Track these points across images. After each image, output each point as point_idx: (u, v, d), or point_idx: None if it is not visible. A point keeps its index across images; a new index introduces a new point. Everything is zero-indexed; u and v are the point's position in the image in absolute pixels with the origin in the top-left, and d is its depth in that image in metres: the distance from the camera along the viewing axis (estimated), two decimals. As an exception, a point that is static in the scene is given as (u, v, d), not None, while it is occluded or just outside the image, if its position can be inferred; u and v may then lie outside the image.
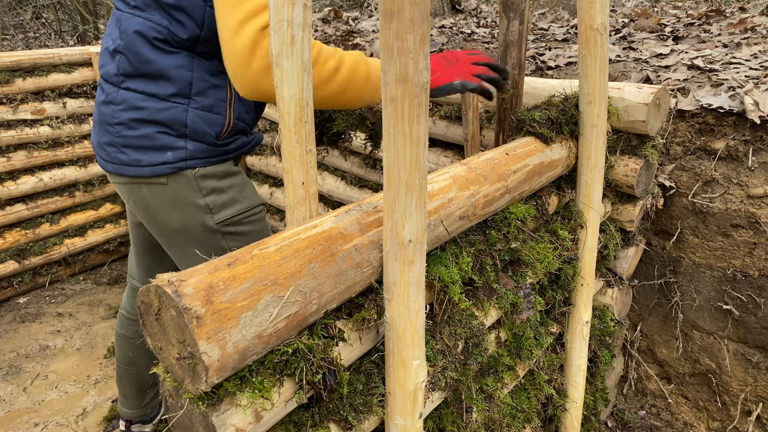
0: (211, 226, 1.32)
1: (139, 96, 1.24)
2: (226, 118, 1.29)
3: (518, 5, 1.29)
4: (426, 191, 0.75)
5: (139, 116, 1.24)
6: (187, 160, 1.27)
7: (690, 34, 2.64)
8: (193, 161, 1.28)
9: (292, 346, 0.74)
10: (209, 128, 1.27)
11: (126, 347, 1.77)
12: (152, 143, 1.25)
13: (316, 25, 3.68)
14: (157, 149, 1.25)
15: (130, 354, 1.77)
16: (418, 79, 0.66)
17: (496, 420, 1.24)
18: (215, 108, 1.27)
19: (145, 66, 1.21)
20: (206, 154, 1.30)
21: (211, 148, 1.30)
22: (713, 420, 1.93)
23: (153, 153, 1.26)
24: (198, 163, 1.28)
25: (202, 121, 1.26)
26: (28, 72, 2.92)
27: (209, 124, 1.27)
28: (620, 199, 1.68)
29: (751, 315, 1.73)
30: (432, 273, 0.96)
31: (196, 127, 1.25)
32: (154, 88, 1.23)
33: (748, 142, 1.68)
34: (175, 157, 1.26)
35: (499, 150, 1.20)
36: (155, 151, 1.26)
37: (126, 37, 1.22)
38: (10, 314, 2.92)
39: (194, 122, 1.25)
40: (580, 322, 1.48)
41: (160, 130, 1.24)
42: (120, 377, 1.84)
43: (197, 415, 0.69)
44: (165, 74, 1.21)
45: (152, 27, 1.19)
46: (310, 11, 0.81)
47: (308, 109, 0.90)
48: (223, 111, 1.29)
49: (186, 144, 1.26)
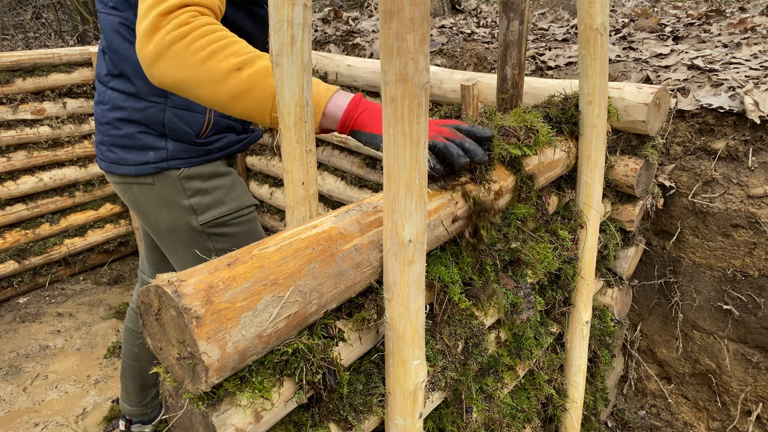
0: (196, 227, 1.33)
1: (121, 96, 1.25)
2: (205, 115, 1.27)
3: (518, 5, 1.29)
4: (426, 191, 0.75)
5: (121, 116, 1.25)
6: (168, 160, 1.27)
7: (690, 34, 2.64)
8: (175, 161, 1.27)
9: (292, 346, 0.74)
10: (188, 127, 1.26)
11: (132, 341, 1.78)
12: (135, 143, 1.27)
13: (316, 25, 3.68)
14: (139, 149, 1.27)
15: (135, 349, 1.78)
16: (418, 79, 0.66)
17: (496, 420, 1.24)
18: (193, 106, 1.25)
19: (123, 64, 1.22)
20: (188, 154, 1.29)
21: (193, 148, 1.29)
22: (713, 420, 1.93)
23: (137, 152, 1.27)
24: (181, 164, 1.28)
25: (179, 120, 1.25)
26: (28, 72, 2.92)
27: (187, 122, 1.25)
28: (620, 199, 1.68)
29: (751, 315, 1.73)
30: (432, 273, 0.96)
31: (173, 126, 1.25)
32: (133, 87, 1.23)
33: (748, 142, 1.68)
34: (156, 157, 1.27)
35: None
36: (138, 151, 1.27)
37: (106, 36, 1.23)
38: (10, 314, 2.92)
39: (171, 121, 1.25)
40: (580, 322, 1.48)
41: (141, 129, 1.25)
42: (124, 372, 1.85)
43: (197, 415, 0.69)
44: (141, 72, 1.21)
45: (126, 25, 1.19)
46: (310, 11, 0.81)
47: (308, 108, 0.90)
48: (203, 108, 1.26)
49: (166, 144, 1.26)
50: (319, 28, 3.55)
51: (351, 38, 3.21)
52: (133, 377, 1.84)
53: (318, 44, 3.31)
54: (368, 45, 3.02)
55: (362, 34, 3.29)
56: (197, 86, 0.93)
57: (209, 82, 0.92)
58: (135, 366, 1.81)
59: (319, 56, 2.58)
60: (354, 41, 3.14)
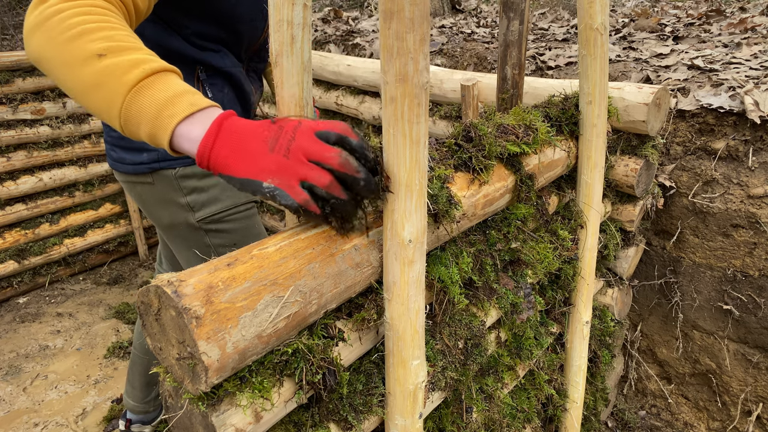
0: (194, 224, 1.34)
1: None
2: None
3: (518, 5, 1.29)
4: (426, 191, 0.75)
5: None
6: (160, 161, 1.27)
7: (690, 34, 2.64)
8: (167, 162, 1.27)
9: (292, 346, 0.74)
10: None
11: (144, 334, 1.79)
12: (131, 143, 1.27)
13: (316, 25, 3.67)
14: (135, 149, 1.27)
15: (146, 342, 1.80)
16: (418, 79, 0.66)
17: (496, 420, 1.24)
18: None
19: None
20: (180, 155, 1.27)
21: None
22: (713, 420, 1.93)
23: (132, 153, 1.27)
24: (174, 164, 1.28)
25: None
26: (27, 72, 2.92)
27: None
28: (620, 199, 1.68)
29: (751, 315, 1.73)
30: (432, 273, 0.95)
31: None
32: None
33: (748, 142, 1.68)
34: (149, 158, 1.26)
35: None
36: (135, 151, 1.27)
37: None
38: (10, 314, 2.92)
39: None
40: (580, 322, 1.48)
41: None
42: (132, 365, 1.87)
43: (197, 416, 0.69)
44: None
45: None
46: (310, 11, 0.81)
47: (308, 108, 0.90)
48: None
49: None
50: (319, 28, 3.55)
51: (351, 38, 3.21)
52: (140, 371, 1.86)
53: (318, 44, 3.31)
54: (368, 45, 3.02)
55: (362, 34, 3.28)
56: (59, 67, 0.79)
57: (68, 65, 0.78)
58: (144, 359, 1.83)
59: (319, 56, 2.58)
60: (354, 41, 3.14)
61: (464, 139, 1.06)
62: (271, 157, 0.69)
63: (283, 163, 0.69)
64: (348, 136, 0.70)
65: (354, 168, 0.68)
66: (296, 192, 0.69)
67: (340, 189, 0.69)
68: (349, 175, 0.69)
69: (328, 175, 0.68)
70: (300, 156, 0.69)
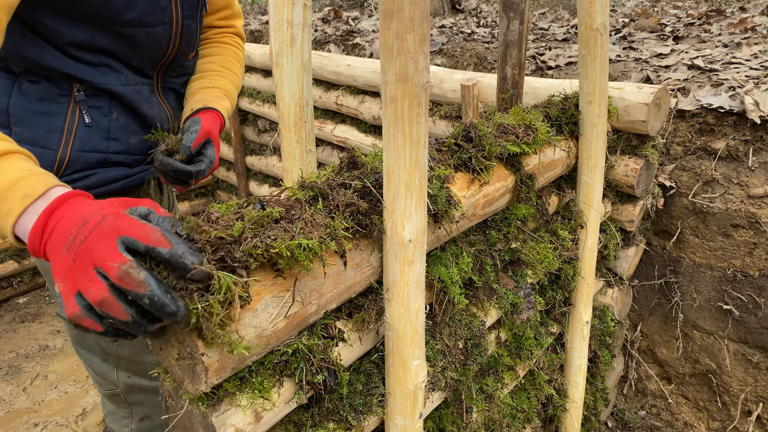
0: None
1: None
2: (57, 152, 1.07)
3: (518, 5, 1.29)
4: (426, 191, 0.75)
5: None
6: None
7: (690, 34, 2.64)
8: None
9: (292, 346, 0.74)
10: (42, 164, 0.96)
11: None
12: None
13: (316, 25, 3.67)
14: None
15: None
16: (418, 79, 0.66)
17: (496, 420, 1.24)
18: (41, 140, 1.06)
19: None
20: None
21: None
22: (713, 420, 1.93)
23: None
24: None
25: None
26: None
27: (38, 159, 0.94)
28: (620, 199, 1.68)
29: (751, 315, 1.73)
30: (432, 273, 0.95)
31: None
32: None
33: (749, 142, 1.68)
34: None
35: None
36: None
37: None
38: (9, 314, 2.92)
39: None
40: (581, 322, 1.48)
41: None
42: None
43: (197, 416, 0.69)
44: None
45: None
46: (310, 11, 0.81)
47: (308, 108, 0.90)
48: (55, 144, 1.06)
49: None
50: (319, 28, 3.55)
51: (351, 38, 3.21)
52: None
53: (318, 44, 3.30)
54: (368, 45, 3.02)
55: (362, 34, 3.28)
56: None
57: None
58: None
59: (319, 56, 2.58)
60: (354, 41, 3.14)
61: (464, 139, 1.06)
62: (65, 257, 0.61)
63: (71, 267, 0.59)
64: (158, 247, 0.57)
65: (136, 282, 0.55)
66: (69, 303, 0.59)
67: (119, 307, 0.56)
68: (131, 291, 0.55)
69: (103, 289, 0.56)
70: (86, 261, 0.58)
